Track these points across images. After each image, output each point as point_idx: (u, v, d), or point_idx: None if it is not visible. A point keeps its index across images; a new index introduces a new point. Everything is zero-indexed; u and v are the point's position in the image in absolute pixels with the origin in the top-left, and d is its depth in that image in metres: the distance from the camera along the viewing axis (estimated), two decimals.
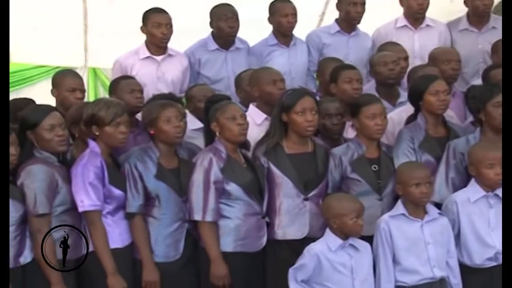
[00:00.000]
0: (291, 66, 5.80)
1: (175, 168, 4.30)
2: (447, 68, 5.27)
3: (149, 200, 4.21)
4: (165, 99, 4.37)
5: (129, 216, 4.18)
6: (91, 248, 4.09)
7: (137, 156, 4.24)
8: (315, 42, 5.95)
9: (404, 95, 5.20)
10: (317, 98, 4.67)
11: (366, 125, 4.44)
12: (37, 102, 4.64)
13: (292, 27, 5.82)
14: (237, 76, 5.36)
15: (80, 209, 4.05)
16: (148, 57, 5.53)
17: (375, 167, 4.45)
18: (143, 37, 5.56)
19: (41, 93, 5.89)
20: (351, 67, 5.08)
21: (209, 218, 4.20)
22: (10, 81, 7.20)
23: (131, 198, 4.17)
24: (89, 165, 4.07)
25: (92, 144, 4.16)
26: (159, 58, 5.55)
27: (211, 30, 5.75)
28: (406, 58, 5.47)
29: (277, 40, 5.83)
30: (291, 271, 4.09)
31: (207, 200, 4.20)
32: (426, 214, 4.21)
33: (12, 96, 5.95)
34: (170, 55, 5.59)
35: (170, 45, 5.58)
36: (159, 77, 5.52)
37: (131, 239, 4.19)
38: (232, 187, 4.25)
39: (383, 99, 4.77)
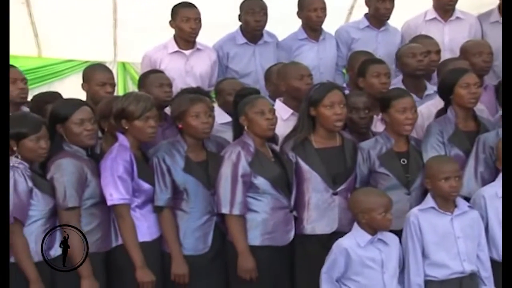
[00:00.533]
0: (320, 60, 5.79)
1: (203, 161, 4.31)
2: (479, 60, 5.21)
3: (177, 193, 4.23)
4: (193, 93, 4.38)
5: (157, 210, 4.20)
6: (119, 242, 4.12)
7: (165, 150, 4.25)
8: (343, 37, 5.93)
9: (431, 88, 5.17)
10: (346, 92, 4.65)
11: (396, 119, 4.41)
12: (67, 96, 4.68)
13: (321, 22, 5.80)
14: (267, 70, 5.36)
15: (109, 203, 4.07)
16: (176, 51, 5.54)
17: (403, 161, 4.42)
18: (172, 31, 5.57)
19: (71, 87, 5.96)
20: (379, 61, 5.05)
21: (236, 211, 4.21)
22: (40, 75, 7.33)
23: (159, 192, 4.19)
24: (118, 159, 4.09)
25: (121, 137, 4.19)
26: (187, 52, 5.56)
27: (239, 24, 5.75)
28: (438, 52, 5.43)
29: (306, 35, 5.82)
30: (323, 272, 4.06)
31: (235, 193, 4.20)
32: (456, 208, 4.18)
33: (43, 90, 6.03)
34: (198, 49, 5.60)
35: (198, 39, 5.59)
36: (187, 71, 5.54)
37: (159, 233, 4.21)
38: (260, 181, 4.25)
39: (410, 92, 4.74)
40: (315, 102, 4.36)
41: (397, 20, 6.04)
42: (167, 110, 4.77)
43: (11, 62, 5.41)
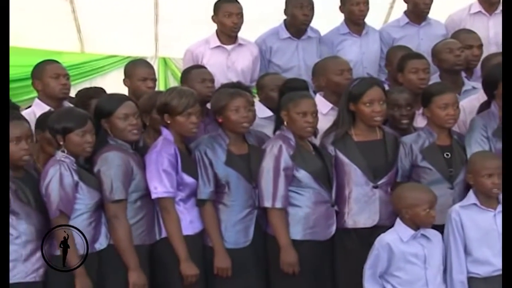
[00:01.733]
0: (363, 55, 5.75)
1: (244, 154, 4.32)
2: None
3: (219, 187, 4.24)
4: (233, 88, 4.40)
5: (200, 203, 4.22)
6: (163, 235, 4.15)
7: (207, 144, 4.28)
8: (385, 39, 5.88)
9: (468, 83, 5.11)
10: (386, 87, 4.63)
11: (438, 115, 4.38)
12: (109, 92, 4.73)
13: (364, 16, 5.77)
14: (314, 65, 5.34)
15: (154, 196, 4.10)
16: (218, 46, 5.56)
17: (447, 155, 4.39)
18: (213, 26, 5.60)
19: (113, 83, 6.01)
20: (418, 56, 5.01)
21: (278, 205, 4.22)
22: (83, 71, 7.41)
23: (202, 185, 4.21)
24: (163, 152, 4.12)
25: (165, 131, 4.21)
26: (229, 47, 5.58)
27: (282, 19, 5.75)
28: (479, 46, 5.36)
29: (349, 29, 5.79)
30: (367, 268, 4.05)
31: (277, 187, 4.21)
32: (499, 204, 4.14)
33: (85, 85, 6.11)
34: (240, 45, 5.61)
35: (240, 34, 5.60)
36: (229, 66, 5.55)
37: (202, 227, 4.24)
38: (302, 174, 4.25)
39: None
40: (355, 98, 4.35)
41: (440, 13, 5.99)
42: (209, 105, 4.79)
43: (55, 57, 5.52)
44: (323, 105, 4.77)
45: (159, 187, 4.08)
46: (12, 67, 6.72)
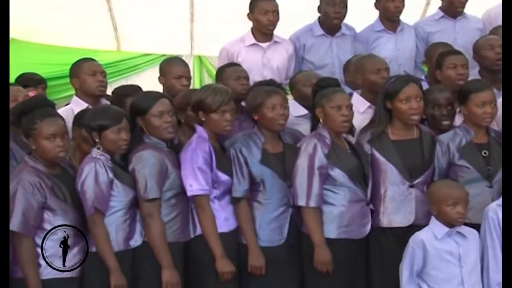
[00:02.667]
0: (398, 52, 5.72)
1: (279, 153, 4.32)
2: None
3: (254, 185, 4.25)
4: (267, 85, 4.39)
5: (234, 201, 4.23)
6: (198, 232, 4.16)
7: (242, 141, 4.28)
8: (419, 34, 5.84)
9: None
10: (425, 85, 4.58)
11: (475, 113, 4.33)
12: (145, 90, 4.75)
13: (399, 12, 5.73)
14: (346, 62, 5.31)
15: (189, 193, 4.12)
16: (254, 44, 5.57)
17: (485, 153, 4.33)
18: (248, 25, 5.60)
19: (148, 81, 6.04)
20: (456, 52, 4.96)
21: (313, 203, 4.21)
22: (119, 69, 7.47)
23: (237, 183, 4.21)
24: (198, 150, 4.13)
25: (199, 129, 4.23)
26: (264, 45, 5.58)
27: (316, 16, 5.73)
28: None
29: (384, 26, 5.76)
30: (404, 268, 4.00)
31: (311, 185, 4.20)
32: None
33: (121, 83, 6.16)
34: (275, 42, 5.61)
35: (275, 31, 5.60)
36: (264, 64, 5.56)
37: (236, 224, 4.24)
38: (337, 173, 4.24)
39: None
40: (391, 96, 4.32)
41: (475, 10, 5.92)
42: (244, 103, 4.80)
43: (92, 56, 5.57)
44: (360, 103, 4.76)
45: (194, 185, 4.10)
46: (51, 65, 6.86)
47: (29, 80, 5.88)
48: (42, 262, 3.80)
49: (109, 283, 3.89)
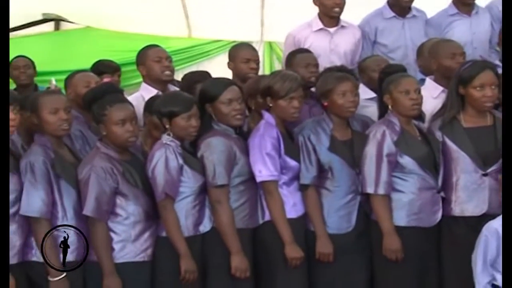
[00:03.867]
0: (473, 35, 5.60)
1: (348, 140, 4.30)
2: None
3: (322, 172, 4.24)
4: (338, 72, 4.36)
5: (302, 188, 4.23)
6: (266, 218, 4.17)
7: (311, 128, 4.27)
8: (495, 13, 5.69)
9: None
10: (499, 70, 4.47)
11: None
12: (215, 76, 4.78)
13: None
14: (420, 45, 5.22)
15: (258, 179, 4.13)
16: (321, 29, 5.53)
17: None
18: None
19: (219, 67, 6.06)
20: None
21: (381, 191, 4.17)
22: (190, 55, 7.54)
23: (305, 170, 4.21)
24: (266, 136, 4.14)
25: (266, 115, 4.24)
26: (332, 30, 5.53)
27: (380, 2, 5.65)
28: None
29: (458, 9, 5.64)
30: (477, 258, 3.92)
31: (380, 172, 4.17)
32: None
33: (192, 70, 6.21)
34: (343, 27, 5.55)
35: (342, 16, 5.55)
36: (332, 49, 5.50)
37: (304, 210, 4.24)
38: (406, 160, 4.19)
39: None
40: (465, 82, 4.25)
41: None
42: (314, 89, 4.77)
43: (162, 42, 5.62)
44: (433, 88, 4.69)
45: (264, 171, 4.11)
46: (123, 51, 6.96)
47: (105, 67, 6.00)
48: (115, 246, 3.88)
49: (179, 267, 3.94)
